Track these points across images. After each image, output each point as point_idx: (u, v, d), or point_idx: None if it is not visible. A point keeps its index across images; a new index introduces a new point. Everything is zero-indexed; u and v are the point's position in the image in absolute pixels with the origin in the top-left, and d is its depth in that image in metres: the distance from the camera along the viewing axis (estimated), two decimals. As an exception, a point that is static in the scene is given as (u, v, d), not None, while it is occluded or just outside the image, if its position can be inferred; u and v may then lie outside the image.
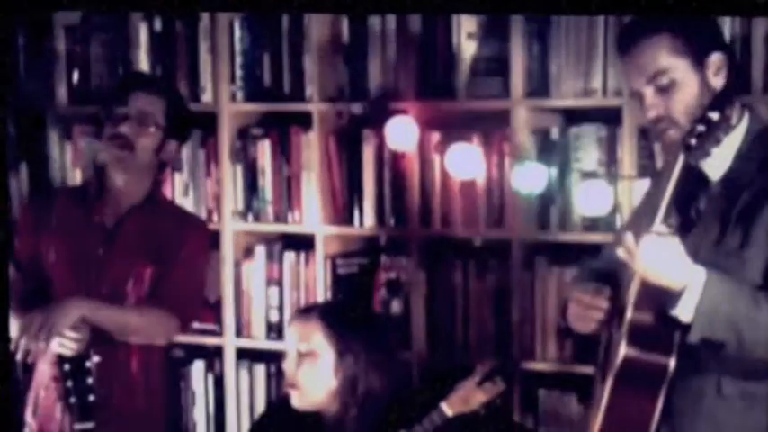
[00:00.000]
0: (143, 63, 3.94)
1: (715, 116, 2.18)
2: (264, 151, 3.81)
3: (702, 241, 2.30)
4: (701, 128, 2.18)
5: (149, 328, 3.05)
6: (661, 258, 2.20)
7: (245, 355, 3.89)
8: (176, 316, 3.07)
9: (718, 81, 2.33)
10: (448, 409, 2.82)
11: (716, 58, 2.33)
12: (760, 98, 3.10)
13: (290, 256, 3.81)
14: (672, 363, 2.27)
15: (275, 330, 3.77)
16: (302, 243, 3.79)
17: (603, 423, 2.31)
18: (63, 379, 2.77)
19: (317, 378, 2.82)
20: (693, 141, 2.19)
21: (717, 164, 2.32)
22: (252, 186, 3.84)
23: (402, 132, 3.54)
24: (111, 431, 2.97)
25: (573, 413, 3.42)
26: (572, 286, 2.55)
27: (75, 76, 4.05)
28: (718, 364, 2.27)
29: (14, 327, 2.91)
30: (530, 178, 3.41)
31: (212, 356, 3.97)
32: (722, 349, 2.22)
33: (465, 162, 3.48)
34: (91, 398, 2.77)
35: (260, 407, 3.84)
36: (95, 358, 2.81)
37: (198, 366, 3.96)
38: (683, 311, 2.20)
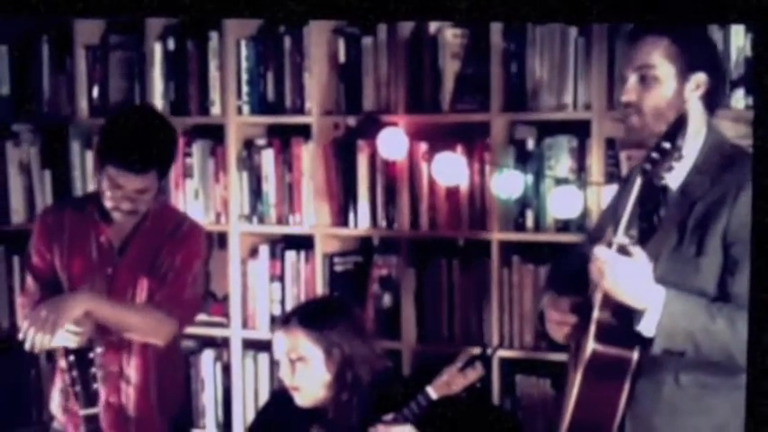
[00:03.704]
0: (157, 80, 4.02)
1: (667, 146, 2.27)
2: (268, 159, 3.91)
3: (662, 246, 2.38)
4: (655, 155, 2.27)
5: (148, 328, 3.05)
6: (626, 282, 2.29)
7: (250, 345, 3.98)
8: (174, 318, 3.07)
9: (693, 97, 2.42)
10: (433, 392, 2.83)
11: (699, 77, 2.42)
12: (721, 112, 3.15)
13: (291, 254, 3.91)
14: (636, 356, 2.36)
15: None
16: (302, 243, 3.88)
17: (575, 411, 2.39)
18: (69, 369, 2.83)
19: (313, 378, 2.87)
20: (648, 167, 2.29)
21: (676, 174, 2.41)
22: (256, 191, 3.93)
23: (393, 143, 3.64)
24: (121, 416, 3.12)
25: (547, 396, 3.52)
26: (546, 300, 2.59)
27: (95, 91, 4.13)
28: (676, 361, 2.36)
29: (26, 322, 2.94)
30: (508, 184, 3.51)
31: (220, 347, 4.06)
32: (682, 356, 2.33)
33: (450, 170, 3.57)
34: (94, 386, 2.82)
35: (264, 392, 3.92)
36: (99, 349, 2.88)
37: (207, 355, 4.07)
38: (646, 328, 2.30)
